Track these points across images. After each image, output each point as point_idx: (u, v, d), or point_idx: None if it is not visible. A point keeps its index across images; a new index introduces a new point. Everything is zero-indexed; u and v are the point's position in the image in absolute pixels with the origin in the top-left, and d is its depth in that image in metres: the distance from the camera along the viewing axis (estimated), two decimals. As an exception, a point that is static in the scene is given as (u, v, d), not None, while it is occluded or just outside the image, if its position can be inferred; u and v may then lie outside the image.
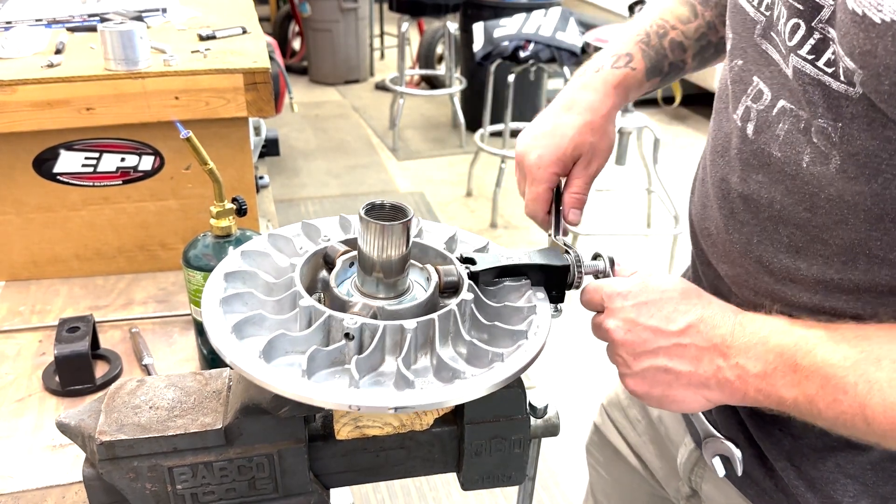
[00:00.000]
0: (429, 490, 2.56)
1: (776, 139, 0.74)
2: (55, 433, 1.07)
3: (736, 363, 0.72)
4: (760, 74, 0.77)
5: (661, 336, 0.76)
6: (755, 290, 0.83)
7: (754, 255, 0.81)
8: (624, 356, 0.78)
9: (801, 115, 0.71)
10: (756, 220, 0.80)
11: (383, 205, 0.72)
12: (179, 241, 1.50)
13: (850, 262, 0.73)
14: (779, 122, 0.74)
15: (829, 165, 0.70)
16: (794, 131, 0.72)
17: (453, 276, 0.76)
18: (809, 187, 0.72)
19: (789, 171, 0.74)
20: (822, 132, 0.69)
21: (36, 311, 1.39)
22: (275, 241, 0.82)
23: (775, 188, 0.76)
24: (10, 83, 1.26)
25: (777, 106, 0.74)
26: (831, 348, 0.67)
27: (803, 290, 0.78)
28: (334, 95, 6.54)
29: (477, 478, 0.79)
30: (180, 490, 0.71)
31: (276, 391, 0.64)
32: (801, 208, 0.74)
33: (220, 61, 1.37)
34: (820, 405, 0.67)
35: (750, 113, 0.78)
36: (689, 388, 0.76)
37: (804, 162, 0.72)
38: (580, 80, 1.04)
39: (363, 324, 0.67)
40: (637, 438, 1.20)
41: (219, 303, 0.71)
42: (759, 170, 0.78)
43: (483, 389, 0.66)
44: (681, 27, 1.05)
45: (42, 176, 1.39)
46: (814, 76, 0.69)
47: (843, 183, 0.69)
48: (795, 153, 0.72)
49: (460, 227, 0.91)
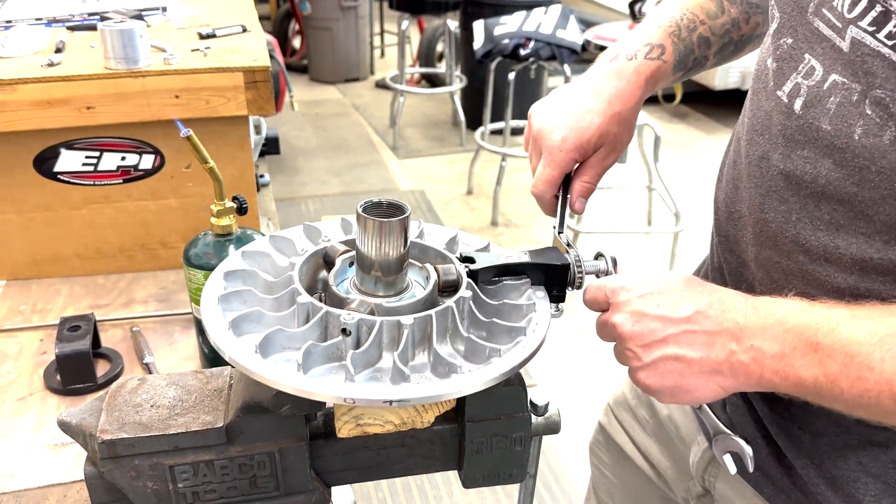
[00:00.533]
0: (430, 488, 2.56)
1: (826, 113, 0.74)
2: (57, 432, 1.07)
3: (750, 345, 0.71)
4: (812, 51, 0.76)
5: (669, 324, 0.74)
6: (786, 271, 0.82)
7: (791, 233, 0.80)
8: (634, 349, 0.77)
9: (853, 87, 0.71)
10: (797, 198, 0.79)
11: (381, 203, 0.72)
12: (180, 240, 1.50)
13: (891, 241, 0.72)
14: (830, 97, 0.73)
15: (882, 137, 0.69)
16: (846, 104, 0.72)
17: (452, 274, 0.76)
18: (860, 160, 0.71)
19: (839, 145, 0.73)
20: (878, 103, 0.68)
21: (37, 310, 1.39)
22: (276, 242, 0.82)
23: (822, 163, 0.75)
24: (11, 82, 1.26)
25: (829, 80, 0.74)
26: (855, 325, 0.66)
27: (839, 270, 0.77)
28: (334, 94, 6.54)
29: (478, 476, 0.79)
30: (181, 488, 0.72)
31: (271, 384, 0.64)
32: (848, 182, 0.73)
33: (221, 60, 1.37)
34: (842, 384, 0.66)
35: (800, 89, 0.77)
36: (701, 375, 0.74)
37: (856, 134, 0.71)
38: (612, 65, 1.00)
39: (360, 319, 0.67)
40: (645, 439, 1.18)
41: (217, 300, 0.72)
42: (805, 145, 0.77)
43: (479, 384, 0.66)
44: (709, 22, 1.04)
45: (43, 175, 1.39)
46: (874, 48, 0.69)
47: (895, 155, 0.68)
48: (847, 125, 0.72)
49: (461, 225, 0.91)
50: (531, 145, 1.01)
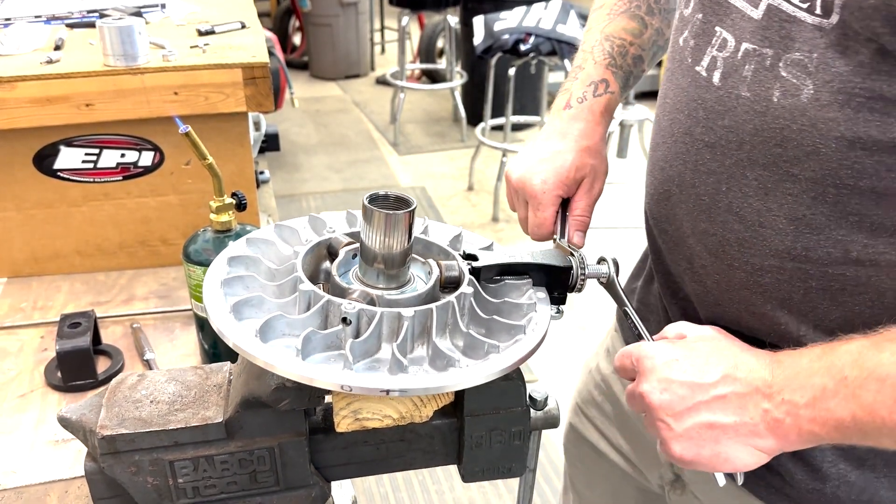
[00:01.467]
0: (431, 483, 2.56)
1: (744, 80, 0.76)
2: (57, 428, 1.07)
3: (782, 399, 0.70)
4: (722, 24, 0.79)
5: (698, 390, 0.74)
6: (723, 241, 0.82)
7: (723, 203, 0.81)
8: (665, 419, 0.75)
9: (766, 52, 0.74)
10: (723, 168, 0.80)
11: (387, 195, 0.73)
12: (180, 237, 1.50)
13: (819, 197, 0.73)
14: (745, 65, 0.76)
15: (800, 96, 0.71)
16: (761, 70, 0.74)
17: (455, 271, 0.76)
18: (780, 121, 0.73)
19: (759, 109, 0.75)
20: (796, 64, 0.71)
21: (38, 307, 1.39)
22: (281, 231, 0.82)
23: (743, 129, 0.77)
24: (10, 80, 1.26)
25: (741, 49, 0.76)
26: (877, 350, 0.65)
27: (774, 233, 0.78)
28: (335, 90, 6.54)
29: (477, 470, 0.80)
30: (182, 484, 0.72)
31: (269, 368, 0.64)
32: (771, 144, 0.75)
33: (219, 56, 1.37)
34: (882, 412, 0.64)
35: (716, 62, 0.79)
36: (738, 440, 0.73)
37: (774, 97, 0.73)
38: (567, 112, 1.06)
39: (361, 309, 0.68)
40: (614, 433, 1.19)
41: (220, 284, 0.72)
42: (725, 115, 0.79)
43: (476, 378, 0.67)
44: (637, 41, 1.08)
45: (42, 172, 1.39)
46: (789, 13, 0.71)
47: (815, 111, 0.70)
48: (765, 90, 0.74)
49: (462, 220, 0.92)
50: (516, 198, 1.04)
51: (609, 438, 1.21)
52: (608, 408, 1.20)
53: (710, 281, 0.86)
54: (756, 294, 0.81)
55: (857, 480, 0.84)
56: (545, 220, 0.99)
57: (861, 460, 0.83)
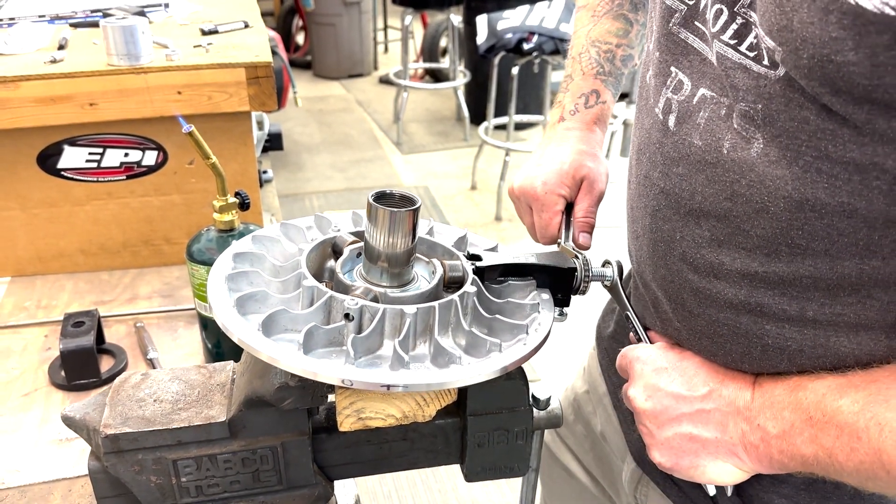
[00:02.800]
0: (434, 482, 2.56)
1: (697, 128, 0.72)
2: (61, 427, 1.07)
3: (757, 425, 0.71)
4: (678, 64, 0.75)
5: (683, 402, 0.75)
6: (680, 288, 0.80)
7: (678, 252, 0.78)
8: (648, 425, 0.77)
9: (722, 101, 0.70)
10: (678, 216, 0.77)
11: (392, 193, 0.73)
12: (183, 236, 1.50)
13: (772, 254, 0.70)
14: (699, 111, 0.72)
15: (750, 150, 0.67)
16: (716, 118, 0.70)
17: (458, 271, 0.76)
18: (730, 174, 0.70)
19: (710, 160, 0.71)
20: (744, 115, 0.67)
21: (41, 306, 1.39)
22: (286, 229, 0.83)
23: (695, 179, 0.74)
24: (14, 79, 1.26)
25: (697, 94, 0.72)
26: (839, 395, 0.66)
27: (727, 285, 0.74)
28: (338, 89, 6.54)
29: (480, 469, 0.80)
30: (185, 482, 0.72)
31: (270, 361, 0.64)
32: (721, 197, 0.71)
33: (223, 56, 1.37)
34: (840, 457, 0.65)
35: (671, 104, 0.76)
36: (718, 456, 0.74)
37: (724, 148, 0.70)
38: (560, 125, 1.08)
39: (363, 306, 0.68)
40: (585, 454, 1.19)
41: (225, 279, 0.72)
42: (680, 162, 0.75)
43: (477, 375, 0.67)
44: (624, 41, 1.08)
45: (46, 171, 1.39)
46: (736, 61, 0.67)
47: (764, 167, 0.67)
48: (716, 140, 0.70)
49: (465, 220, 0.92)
50: (521, 207, 1.06)
51: (581, 460, 1.21)
52: (579, 429, 1.19)
53: (672, 328, 0.84)
54: (717, 345, 0.78)
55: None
56: (550, 221, 1.00)
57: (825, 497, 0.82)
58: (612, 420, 1.08)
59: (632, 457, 1.02)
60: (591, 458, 1.18)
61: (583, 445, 1.19)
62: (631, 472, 1.02)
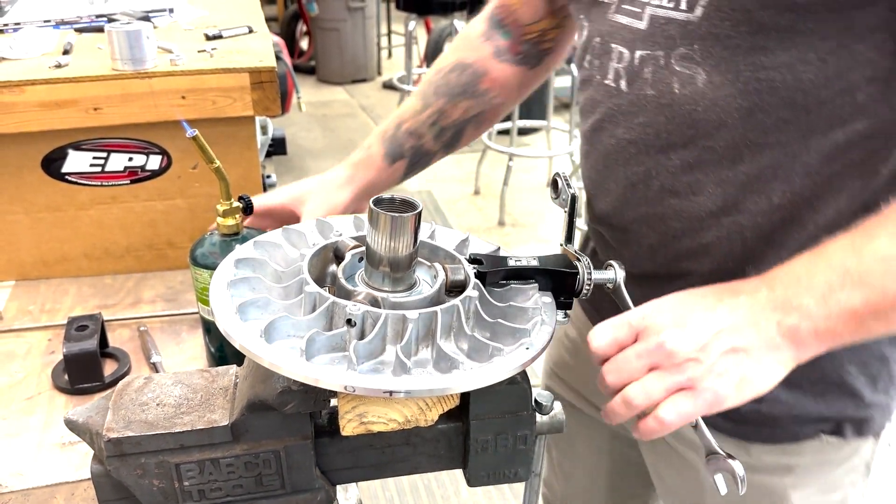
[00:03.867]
0: (437, 487, 2.56)
1: (646, 82, 0.89)
2: (64, 431, 1.07)
3: (792, 306, 0.72)
4: (614, 40, 0.92)
5: (714, 321, 0.74)
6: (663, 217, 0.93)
7: (656, 186, 0.93)
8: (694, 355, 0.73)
9: (658, 54, 0.86)
10: (649, 157, 0.92)
11: (393, 199, 0.73)
12: (187, 240, 1.51)
13: (737, 157, 0.86)
14: (643, 69, 0.89)
15: (697, 83, 0.84)
16: (658, 69, 0.87)
17: (460, 274, 0.76)
18: (686, 107, 0.85)
19: (665, 102, 0.87)
20: (684, 57, 0.84)
21: (45, 309, 1.40)
22: (288, 234, 0.83)
23: (657, 121, 0.89)
24: (19, 84, 1.27)
25: (636, 57, 0.89)
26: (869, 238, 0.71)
27: (706, 198, 0.89)
28: (342, 94, 6.56)
29: (483, 474, 0.79)
30: (187, 486, 0.72)
31: (273, 368, 0.64)
32: (684, 127, 0.87)
33: (227, 60, 1.37)
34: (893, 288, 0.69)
35: (619, 72, 0.92)
36: (760, 359, 0.73)
37: (675, 89, 0.86)
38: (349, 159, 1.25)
39: (366, 311, 0.68)
40: (588, 388, 1.26)
41: (227, 285, 0.72)
42: (639, 114, 0.91)
43: (480, 380, 0.67)
44: (412, 118, 1.22)
45: (51, 176, 1.39)
46: (664, 16, 0.85)
47: (713, 92, 0.83)
48: (666, 85, 0.87)
49: (468, 224, 0.93)
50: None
51: (584, 395, 1.27)
52: (580, 367, 1.27)
53: (660, 256, 0.97)
54: (702, 257, 0.93)
55: (787, 399, 0.95)
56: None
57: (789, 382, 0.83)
58: None
59: None
60: (594, 391, 1.23)
61: (585, 381, 1.26)
62: None
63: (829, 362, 0.90)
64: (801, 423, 0.97)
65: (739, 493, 0.82)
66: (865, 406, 0.97)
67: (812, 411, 0.96)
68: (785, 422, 0.97)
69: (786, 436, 0.98)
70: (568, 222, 0.98)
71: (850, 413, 0.97)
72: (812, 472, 1.00)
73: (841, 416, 0.97)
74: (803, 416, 0.97)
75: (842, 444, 0.99)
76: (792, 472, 1.00)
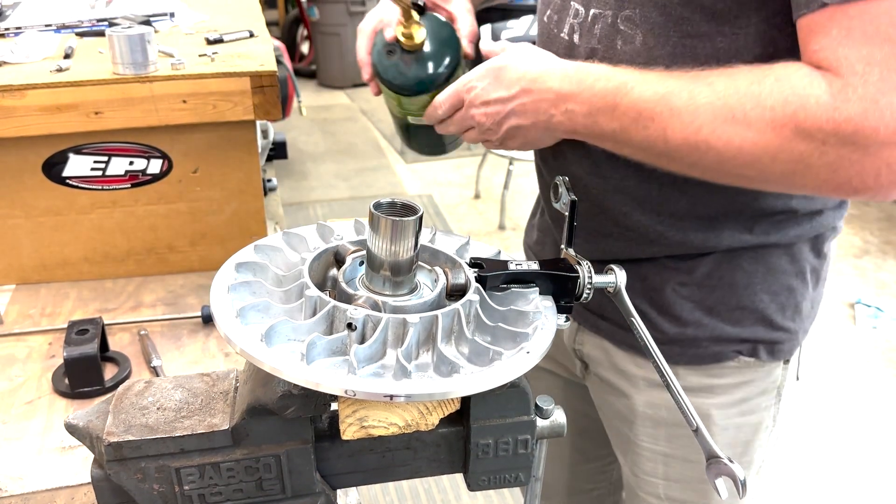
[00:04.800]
0: (437, 492, 2.56)
1: (594, 36, 1.00)
2: (64, 435, 1.07)
3: (565, 109, 0.94)
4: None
5: (506, 102, 0.98)
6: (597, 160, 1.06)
7: None
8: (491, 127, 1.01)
9: (607, 14, 0.98)
10: None
11: (394, 202, 0.73)
12: (188, 244, 1.51)
13: None
14: (594, 25, 1.00)
15: (635, 43, 0.96)
16: (605, 26, 0.99)
17: (461, 278, 0.76)
18: (623, 62, 0.95)
19: (609, 55, 0.99)
20: (628, 19, 0.96)
21: (46, 313, 1.40)
22: (289, 238, 0.83)
23: None
24: (20, 88, 1.27)
25: (590, 14, 1.01)
26: (644, 87, 0.88)
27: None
28: (342, 98, 6.56)
29: (483, 478, 0.79)
30: (188, 491, 0.72)
31: (273, 372, 0.64)
32: None
33: (228, 65, 1.38)
34: (632, 133, 0.90)
35: (574, 27, 1.04)
36: (536, 133, 1.00)
37: (618, 45, 0.98)
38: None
39: (366, 315, 0.68)
40: None
41: (227, 289, 0.72)
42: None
43: (480, 385, 0.67)
44: None
45: (51, 180, 1.40)
46: None
47: (647, 52, 0.95)
48: (610, 41, 0.99)
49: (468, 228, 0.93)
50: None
51: None
52: None
53: (591, 195, 1.08)
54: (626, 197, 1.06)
55: (708, 323, 1.10)
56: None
57: (710, 308, 1.10)
58: None
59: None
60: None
61: None
62: (567, 331, 1.25)
63: (744, 291, 1.09)
64: (721, 343, 1.11)
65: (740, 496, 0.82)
66: (776, 330, 1.11)
67: (730, 334, 1.10)
68: (707, 343, 1.11)
69: (708, 357, 1.12)
70: (568, 226, 0.98)
71: (763, 336, 1.11)
72: (731, 392, 1.14)
73: (755, 339, 1.11)
74: (723, 338, 1.11)
75: (756, 366, 1.13)
76: (714, 393, 1.14)
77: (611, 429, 1.29)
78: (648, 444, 1.21)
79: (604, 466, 1.51)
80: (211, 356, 1.28)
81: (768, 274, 1.09)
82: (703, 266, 1.09)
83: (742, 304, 1.10)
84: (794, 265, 1.10)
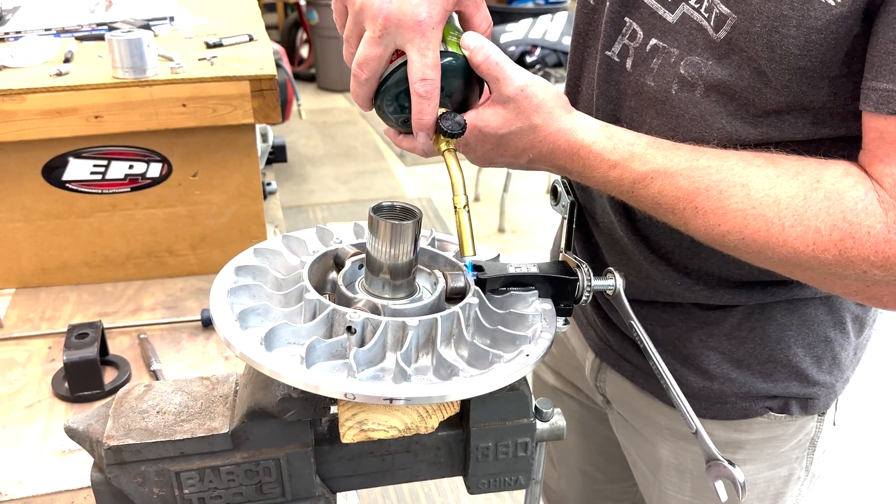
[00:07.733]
0: (437, 495, 2.55)
1: (651, 71, 0.87)
2: (64, 439, 1.07)
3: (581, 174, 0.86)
4: (631, 16, 0.88)
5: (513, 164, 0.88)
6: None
7: None
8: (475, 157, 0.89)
9: (672, 51, 0.85)
10: None
11: (393, 206, 0.73)
12: (187, 248, 1.51)
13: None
14: (653, 58, 0.87)
15: (694, 93, 0.84)
16: (666, 65, 0.85)
17: (460, 282, 0.77)
18: (676, 110, 0.86)
19: (660, 98, 0.87)
20: (693, 65, 0.83)
21: (45, 317, 1.40)
22: (288, 241, 0.83)
23: (646, 112, 0.89)
24: (20, 92, 1.27)
25: (650, 43, 0.87)
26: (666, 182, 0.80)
27: None
28: (342, 102, 6.57)
29: (483, 481, 0.79)
30: (188, 494, 0.72)
31: (273, 375, 0.64)
32: (666, 128, 0.87)
33: (227, 68, 1.38)
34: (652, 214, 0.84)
35: (628, 50, 0.89)
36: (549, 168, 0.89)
37: (673, 90, 0.85)
38: None
39: (366, 319, 0.68)
40: (553, 358, 1.32)
41: (227, 293, 0.72)
42: (633, 97, 0.90)
43: (480, 388, 0.67)
44: None
45: (51, 183, 1.40)
46: (697, 21, 0.82)
47: (704, 106, 0.84)
48: (666, 82, 0.86)
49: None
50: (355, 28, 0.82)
51: (561, 374, 1.33)
52: (554, 349, 1.30)
53: (617, 233, 0.99)
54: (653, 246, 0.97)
55: (737, 378, 1.01)
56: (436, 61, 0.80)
57: (739, 361, 1.00)
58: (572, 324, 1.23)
59: (591, 351, 1.17)
60: (560, 361, 1.31)
61: (559, 361, 1.32)
62: (591, 363, 1.18)
63: (777, 344, 0.99)
64: (749, 400, 1.02)
65: (739, 498, 0.83)
66: (811, 385, 1.02)
67: (760, 390, 1.01)
68: (735, 399, 1.02)
69: (736, 412, 1.03)
70: (567, 229, 0.98)
71: (796, 392, 1.02)
72: (761, 448, 1.06)
73: (787, 395, 1.02)
74: (752, 394, 1.01)
75: (788, 422, 1.04)
76: (742, 448, 1.05)
77: (635, 467, 1.22)
78: (673, 493, 1.14)
79: (626, 487, 1.44)
80: (210, 360, 1.28)
81: (803, 325, 0.99)
82: (733, 316, 0.99)
83: (774, 358, 1.00)
84: (832, 315, 1.00)
